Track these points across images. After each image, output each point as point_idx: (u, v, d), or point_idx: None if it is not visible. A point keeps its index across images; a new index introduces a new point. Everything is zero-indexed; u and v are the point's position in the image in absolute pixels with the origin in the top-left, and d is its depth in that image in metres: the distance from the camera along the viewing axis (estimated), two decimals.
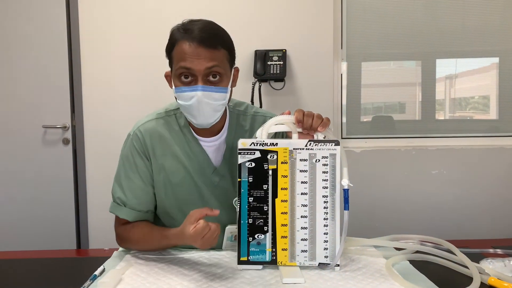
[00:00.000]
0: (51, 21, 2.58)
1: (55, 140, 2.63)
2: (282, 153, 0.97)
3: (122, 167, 1.21)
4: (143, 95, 2.55)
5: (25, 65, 2.60)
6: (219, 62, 1.06)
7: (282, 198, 0.97)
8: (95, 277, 0.97)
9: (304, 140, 0.97)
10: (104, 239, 2.63)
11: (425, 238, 1.15)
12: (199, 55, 1.04)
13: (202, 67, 1.04)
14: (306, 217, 0.96)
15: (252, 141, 0.97)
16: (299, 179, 0.98)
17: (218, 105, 1.08)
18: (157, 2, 2.57)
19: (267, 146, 0.97)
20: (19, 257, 1.21)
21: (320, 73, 2.60)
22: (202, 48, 1.04)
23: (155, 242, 1.14)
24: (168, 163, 1.17)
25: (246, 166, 0.97)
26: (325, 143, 0.97)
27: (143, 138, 1.18)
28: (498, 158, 2.63)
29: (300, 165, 0.98)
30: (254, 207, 0.96)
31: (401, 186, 2.63)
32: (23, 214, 2.63)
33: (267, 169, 0.97)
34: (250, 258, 0.95)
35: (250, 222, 0.96)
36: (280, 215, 0.96)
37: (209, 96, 1.05)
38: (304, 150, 0.98)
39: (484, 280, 0.92)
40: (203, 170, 1.17)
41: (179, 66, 1.06)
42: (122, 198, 1.19)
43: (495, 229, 2.61)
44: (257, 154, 0.97)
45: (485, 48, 2.73)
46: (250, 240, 0.94)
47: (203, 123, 1.09)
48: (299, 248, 0.97)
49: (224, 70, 1.08)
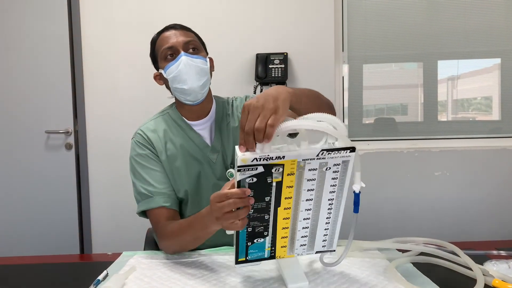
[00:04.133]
0: (53, 26, 2.59)
1: (58, 145, 2.64)
2: (289, 166, 0.83)
3: (136, 165, 1.27)
4: (146, 100, 2.56)
5: (28, 71, 2.62)
6: (194, 39, 1.28)
7: (285, 206, 0.88)
8: (99, 282, 0.97)
9: (316, 150, 0.82)
10: (107, 243, 2.64)
11: (428, 241, 1.14)
12: (176, 35, 1.26)
13: (181, 42, 1.24)
14: (309, 219, 0.92)
15: (255, 156, 0.79)
16: (306, 187, 0.87)
17: (201, 69, 1.23)
18: (159, 8, 2.58)
19: (272, 160, 0.81)
20: (21, 262, 1.21)
21: (321, 76, 2.60)
22: (177, 30, 1.27)
23: (193, 226, 1.07)
24: (170, 151, 1.27)
25: (246, 182, 0.83)
26: (340, 151, 0.84)
27: (145, 135, 1.29)
28: (501, 159, 2.62)
29: (308, 174, 0.86)
30: (254, 218, 0.88)
31: (404, 188, 2.63)
32: (26, 219, 2.64)
33: (271, 182, 0.84)
34: (249, 258, 0.93)
35: (250, 230, 0.89)
36: (282, 220, 0.90)
37: (192, 60, 1.23)
38: (314, 160, 0.84)
39: (488, 282, 0.91)
40: (201, 150, 1.28)
41: (163, 49, 1.25)
42: (149, 188, 1.23)
43: (499, 230, 2.60)
44: (260, 169, 0.81)
45: (487, 49, 2.73)
46: (248, 245, 0.92)
47: (193, 86, 1.22)
48: (299, 243, 0.95)
49: (199, 45, 1.28)
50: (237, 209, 0.84)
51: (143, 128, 1.31)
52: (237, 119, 1.34)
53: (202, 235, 1.05)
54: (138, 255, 1.18)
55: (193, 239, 1.09)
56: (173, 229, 1.14)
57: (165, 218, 1.20)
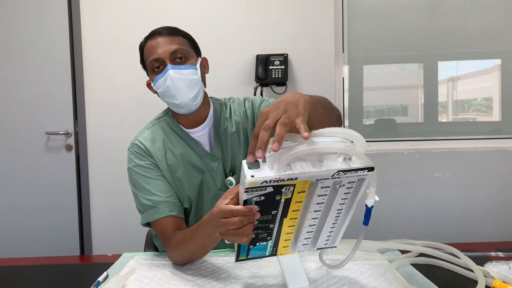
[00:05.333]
0: (54, 27, 2.60)
1: (58, 146, 2.64)
2: (300, 185, 0.76)
3: (136, 176, 1.21)
4: (146, 102, 2.55)
5: (28, 72, 2.62)
6: (181, 45, 1.18)
7: (292, 217, 0.84)
8: (99, 283, 0.97)
9: (331, 171, 0.75)
10: (108, 245, 2.64)
11: (427, 243, 1.14)
12: (161, 44, 1.17)
13: (167, 52, 1.16)
14: (314, 225, 0.89)
15: (264, 179, 0.72)
16: (315, 201, 0.82)
17: (191, 80, 1.16)
18: (160, 9, 2.59)
19: (283, 181, 0.74)
20: (21, 264, 1.21)
21: (322, 77, 2.60)
22: (162, 37, 1.18)
23: (197, 235, 1.04)
24: (170, 161, 1.23)
25: (253, 200, 0.77)
26: (357, 171, 0.77)
27: (143, 145, 1.23)
28: (502, 160, 2.62)
29: (320, 191, 0.80)
30: (259, 227, 0.83)
31: (404, 189, 2.62)
32: (26, 220, 2.64)
33: (279, 200, 0.78)
34: (250, 256, 0.92)
35: (253, 237, 0.85)
36: (287, 227, 0.86)
37: (180, 72, 1.15)
38: (329, 179, 0.77)
39: (489, 283, 0.91)
40: (201, 158, 1.24)
41: (149, 62, 1.18)
42: (153, 198, 1.17)
43: (499, 231, 2.60)
44: (269, 189, 0.75)
45: (487, 49, 2.73)
46: (250, 247, 0.90)
47: (184, 100, 1.16)
48: (301, 243, 0.94)
49: (187, 52, 1.19)
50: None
51: (140, 138, 1.25)
52: (234, 123, 1.28)
53: (207, 243, 1.02)
54: (138, 257, 1.18)
55: (199, 247, 1.05)
56: (178, 239, 1.10)
57: (172, 227, 1.14)
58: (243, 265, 1.07)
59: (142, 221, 1.19)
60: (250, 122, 1.30)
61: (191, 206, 1.25)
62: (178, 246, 1.09)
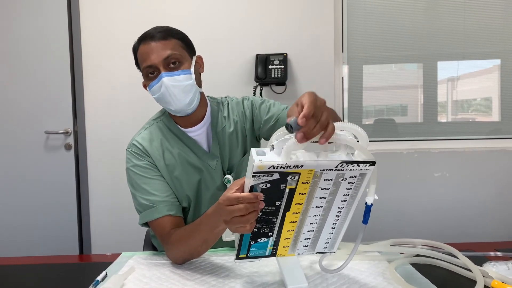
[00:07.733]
0: (53, 26, 2.59)
1: (57, 145, 2.64)
2: (305, 174, 0.81)
3: (134, 176, 1.21)
4: (145, 101, 2.55)
5: (27, 71, 2.62)
6: (174, 49, 1.17)
7: (294, 211, 0.86)
8: (98, 282, 0.97)
9: (335, 162, 0.80)
10: (107, 244, 2.64)
11: (427, 242, 1.14)
12: (153, 50, 1.16)
13: (160, 59, 1.15)
14: (315, 223, 0.91)
15: (272, 163, 0.77)
16: (318, 195, 0.86)
17: (185, 86, 1.16)
18: (160, 9, 2.58)
19: (289, 168, 0.78)
20: (21, 263, 1.21)
21: (321, 77, 2.60)
22: (154, 42, 1.17)
23: (200, 229, 1.03)
24: (168, 161, 1.23)
25: (259, 187, 0.80)
26: (359, 164, 0.83)
27: (141, 145, 1.24)
28: (501, 160, 2.62)
29: (323, 183, 0.84)
30: (261, 220, 0.86)
31: (403, 189, 2.63)
32: (25, 219, 2.64)
33: (284, 189, 0.82)
34: (249, 255, 0.92)
35: (255, 231, 0.87)
36: (289, 223, 0.88)
37: (174, 79, 1.15)
38: (332, 171, 0.82)
39: (488, 283, 0.91)
40: (199, 157, 1.24)
41: (143, 68, 1.18)
42: (151, 198, 1.17)
43: (498, 231, 2.60)
44: (275, 176, 0.79)
45: (487, 50, 2.73)
46: (252, 243, 0.91)
47: (179, 106, 1.17)
48: (301, 244, 0.95)
49: (181, 56, 1.18)
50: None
51: (138, 139, 1.25)
52: (232, 123, 1.29)
53: (210, 237, 1.01)
54: (137, 256, 1.18)
55: (202, 242, 1.04)
56: (179, 235, 1.09)
57: (171, 226, 1.14)
58: (242, 264, 1.07)
59: (140, 221, 1.19)
60: (248, 121, 1.30)
61: (190, 205, 1.25)
62: (178, 243, 1.08)
